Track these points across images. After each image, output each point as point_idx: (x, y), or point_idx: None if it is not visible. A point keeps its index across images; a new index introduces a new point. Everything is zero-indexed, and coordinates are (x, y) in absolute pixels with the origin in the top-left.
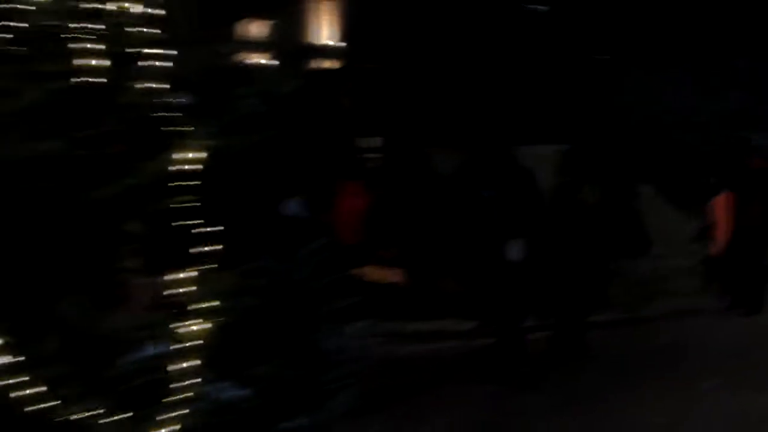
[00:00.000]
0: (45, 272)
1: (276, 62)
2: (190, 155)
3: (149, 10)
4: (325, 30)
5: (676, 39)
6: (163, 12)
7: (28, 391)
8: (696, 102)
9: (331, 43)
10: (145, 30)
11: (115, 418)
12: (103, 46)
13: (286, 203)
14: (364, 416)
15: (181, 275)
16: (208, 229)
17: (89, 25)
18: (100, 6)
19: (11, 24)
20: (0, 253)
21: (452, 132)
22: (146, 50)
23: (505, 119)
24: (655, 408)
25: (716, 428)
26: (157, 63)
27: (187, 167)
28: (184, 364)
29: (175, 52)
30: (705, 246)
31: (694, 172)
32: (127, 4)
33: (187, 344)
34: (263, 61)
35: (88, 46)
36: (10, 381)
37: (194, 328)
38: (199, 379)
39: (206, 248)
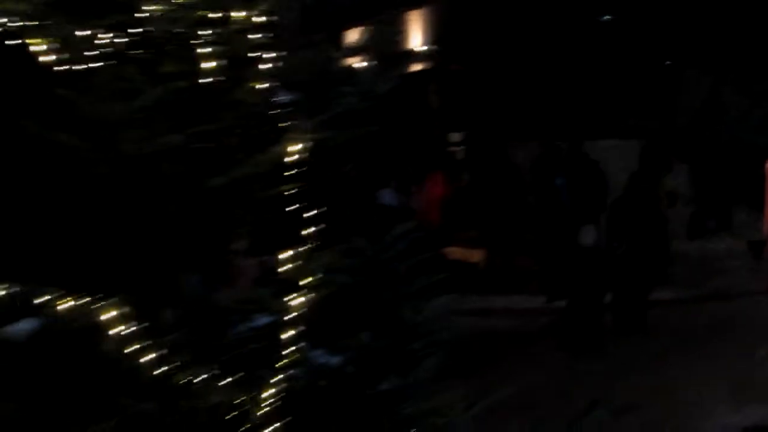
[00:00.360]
0: (166, 252)
1: (373, 64)
2: (296, 148)
3: (262, 18)
4: (416, 35)
5: (733, 46)
6: (274, 18)
7: (151, 356)
8: (751, 103)
9: (422, 47)
10: (258, 35)
11: (228, 380)
12: (220, 49)
13: (381, 193)
14: (446, 381)
15: (287, 254)
16: (311, 213)
17: (209, 31)
18: (220, 15)
19: (138, 30)
20: (128, 235)
21: (528, 127)
22: (258, 53)
23: (576, 116)
24: (709, 374)
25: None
26: (268, 65)
27: (293, 158)
28: (289, 333)
29: (284, 54)
30: (754, 227)
31: (750, 166)
32: (244, 13)
33: (291, 315)
34: (362, 63)
35: (208, 49)
36: (136, 346)
37: (299, 300)
38: (301, 346)
39: (309, 230)
